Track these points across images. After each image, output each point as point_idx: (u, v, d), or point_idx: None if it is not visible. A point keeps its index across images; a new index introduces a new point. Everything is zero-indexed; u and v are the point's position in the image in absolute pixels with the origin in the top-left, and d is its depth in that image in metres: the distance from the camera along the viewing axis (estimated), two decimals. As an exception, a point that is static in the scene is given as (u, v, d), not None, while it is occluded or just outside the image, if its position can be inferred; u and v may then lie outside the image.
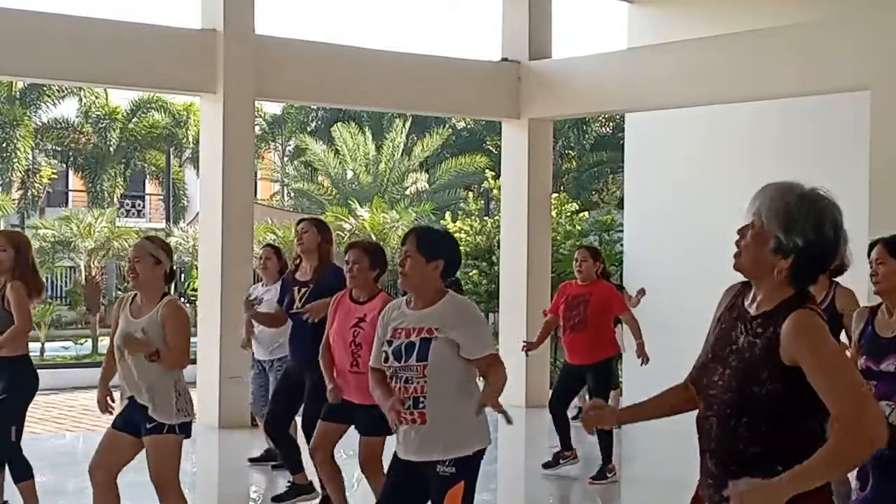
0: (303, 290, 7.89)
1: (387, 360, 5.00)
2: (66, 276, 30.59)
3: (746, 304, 3.44)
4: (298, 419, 8.30)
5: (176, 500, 6.26)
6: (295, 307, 7.85)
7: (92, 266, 26.98)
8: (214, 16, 12.03)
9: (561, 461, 9.78)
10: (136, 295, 6.18)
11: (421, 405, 4.93)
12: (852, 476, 4.99)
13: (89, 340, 25.58)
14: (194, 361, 12.25)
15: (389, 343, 5.01)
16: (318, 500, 8.05)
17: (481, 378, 5.13)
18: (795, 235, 3.33)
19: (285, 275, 8.50)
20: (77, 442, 12.48)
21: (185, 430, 6.17)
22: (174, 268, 6.42)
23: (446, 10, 52.75)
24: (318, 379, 7.10)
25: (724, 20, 13.47)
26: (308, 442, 7.35)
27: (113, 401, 6.32)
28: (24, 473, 7.14)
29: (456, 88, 13.92)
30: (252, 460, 10.01)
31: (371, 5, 51.11)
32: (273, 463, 9.60)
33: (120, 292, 27.35)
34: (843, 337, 6.56)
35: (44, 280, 7.44)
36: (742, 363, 3.33)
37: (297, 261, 8.10)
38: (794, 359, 3.23)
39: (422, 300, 5.03)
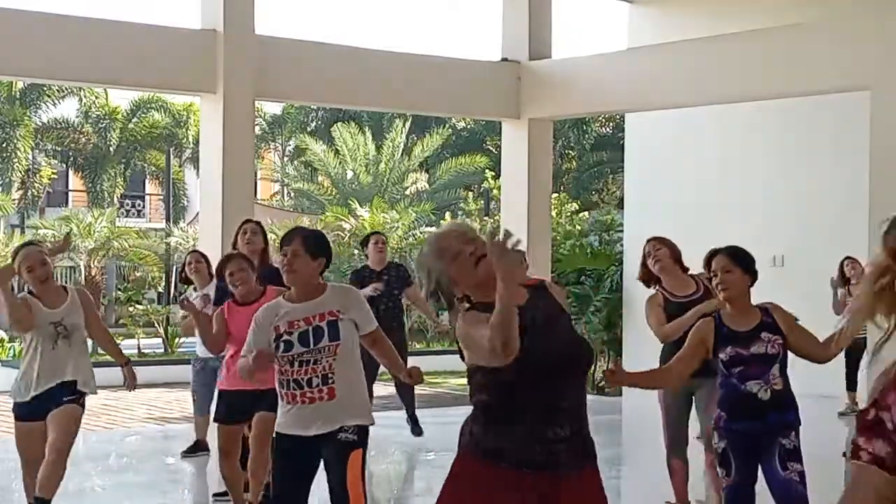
0: None
1: (289, 348, 5.33)
2: (66, 277, 30.59)
3: None
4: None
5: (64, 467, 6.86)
6: None
7: (92, 266, 26.98)
8: (214, 16, 12.03)
9: None
10: (30, 291, 6.78)
11: (330, 381, 5.33)
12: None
13: (89, 341, 25.58)
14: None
15: (289, 333, 5.35)
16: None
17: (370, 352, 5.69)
18: None
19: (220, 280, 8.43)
20: (77, 442, 12.45)
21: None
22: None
23: (446, 10, 52.75)
24: None
25: (724, 20, 13.47)
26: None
27: None
28: None
29: (456, 88, 13.91)
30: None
31: (371, 5, 51.11)
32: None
33: (120, 292, 27.37)
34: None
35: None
36: None
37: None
38: None
39: (304, 294, 5.43)
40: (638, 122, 15.75)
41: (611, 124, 33.05)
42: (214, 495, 9.58)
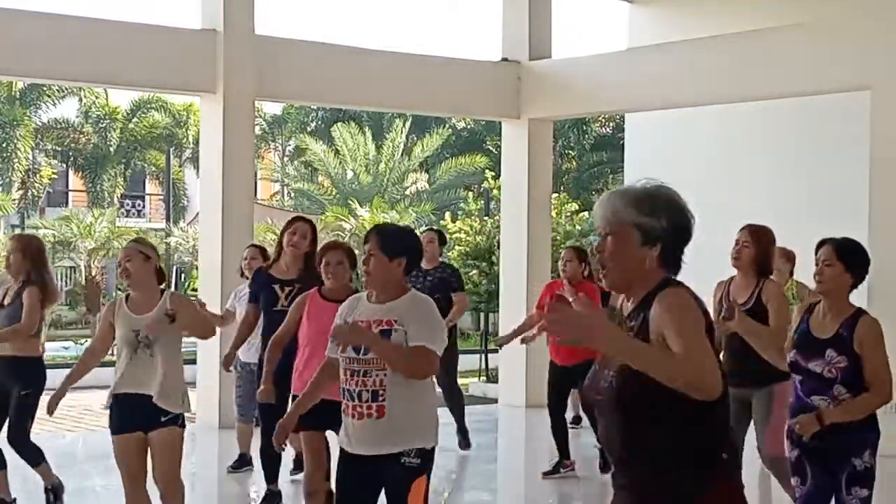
0: (287, 288, 7.79)
1: (344, 349, 5.01)
2: (66, 276, 30.58)
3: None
4: None
5: (181, 498, 6.30)
6: (280, 305, 7.72)
7: (92, 266, 27.00)
8: (214, 16, 12.03)
9: (561, 470, 9.66)
10: (128, 296, 6.26)
11: (381, 398, 4.94)
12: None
13: (89, 340, 25.61)
14: (194, 361, 12.27)
15: None
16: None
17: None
18: (659, 215, 3.37)
19: (258, 271, 8.21)
20: (77, 442, 12.48)
21: (184, 422, 6.31)
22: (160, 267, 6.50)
23: (446, 10, 52.75)
24: None
25: (724, 20, 13.46)
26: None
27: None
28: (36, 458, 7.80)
29: (456, 88, 13.91)
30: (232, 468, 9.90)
31: (371, 5, 51.11)
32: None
33: (120, 292, 27.36)
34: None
35: (56, 284, 7.69)
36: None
37: (276, 257, 7.98)
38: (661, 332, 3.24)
39: (384, 295, 5.08)
40: (638, 122, 15.74)
41: (611, 124, 33.05)
42: (229, 467, 9.62)
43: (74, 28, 11.52)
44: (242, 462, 9.79)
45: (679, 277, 3.50)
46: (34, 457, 7.80)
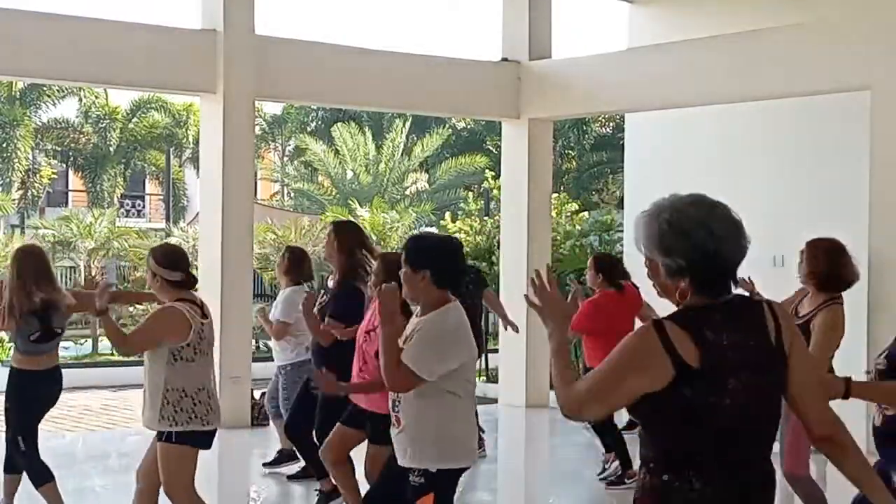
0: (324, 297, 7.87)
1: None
2: (66, 276, 30.57)
3: None
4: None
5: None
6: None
7: (92, 266, 26.96)
8: (214, 16, 12.03)
9: (626, 481, 9.13)
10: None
11: (397, 408, 5.05)
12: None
13: (89, 340, 25.58)
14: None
15: None
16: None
17: None
18: (675, 257, 3.38)
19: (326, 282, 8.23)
20: (77, 442, 12.47)
21: (186, 440, 6.11)
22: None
23: (446, 10, 52.74)
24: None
25: (724, 20, 13.46)
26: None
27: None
28: (43, 477, 7.40)
29: (456, 88, 13.91)
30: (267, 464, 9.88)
31: (371, 5, 51.11)
32: (289, 474, 9.48)
33: (120, 292, 27.29)
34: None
35: (35, 301, 7.13)
36: None
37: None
38: None
39: (422, 309, 5.09)
40: (638, 122, 15.73)
41: (611, 124, 33.04)
42: (264, 464, 9.61)
43: (74, 28, 11.52)
44: (282, 457, 9.72)
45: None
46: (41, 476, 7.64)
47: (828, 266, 6.59)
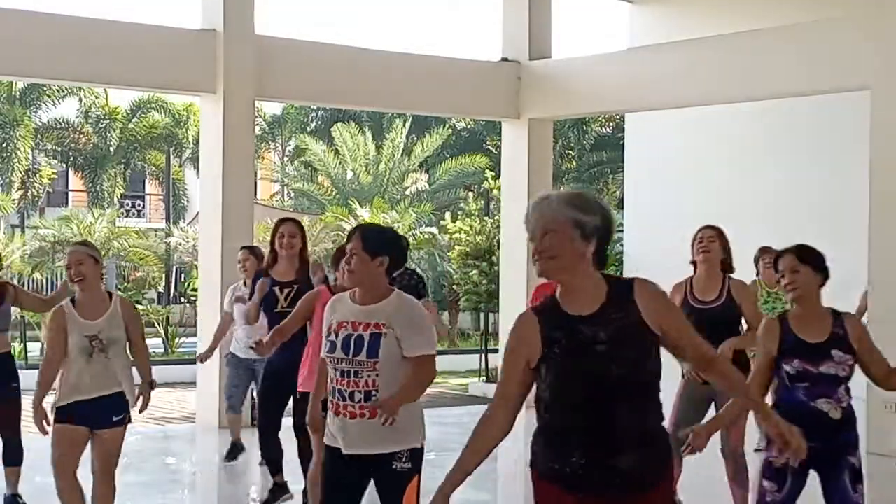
0: (286, 289, 7.95)
1: (333, 350, 5.00)
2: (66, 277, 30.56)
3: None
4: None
5: (113, 487, 6.45)
6: (280, 307, 7.87)
7: (92, 266, 26.96)
8: (214, 16, 12.04)
9: None
10: (73, 301, 6.40)
11: (374, 398, 4.94)
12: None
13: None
14: (194, 361, 12.27)
15: (335, 333, 5.02)
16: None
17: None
18: (594, 213, 3.55)
19: (258, 273, 8.34)
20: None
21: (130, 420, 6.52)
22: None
23: (446, 10, 52.74)
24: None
25: (724, 20, 13.47)
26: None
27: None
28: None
29: (456, 88, 13.91)
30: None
31: (371, 5, 51.12)
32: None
33: (119, 292, 27.35)
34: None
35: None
36: None
37: (272, 260, 8.09)
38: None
39: (368, 296, 5.07)
40: (638, 122, 15.75)
41: (611, 124, 33.03)
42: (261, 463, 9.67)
43: (74, 28, 11.53)
44: (235, 450, 9.91)
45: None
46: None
47: (729, 251, 7.11)
